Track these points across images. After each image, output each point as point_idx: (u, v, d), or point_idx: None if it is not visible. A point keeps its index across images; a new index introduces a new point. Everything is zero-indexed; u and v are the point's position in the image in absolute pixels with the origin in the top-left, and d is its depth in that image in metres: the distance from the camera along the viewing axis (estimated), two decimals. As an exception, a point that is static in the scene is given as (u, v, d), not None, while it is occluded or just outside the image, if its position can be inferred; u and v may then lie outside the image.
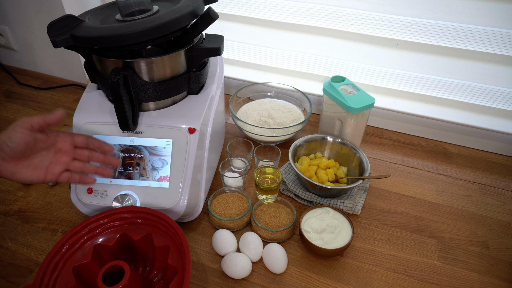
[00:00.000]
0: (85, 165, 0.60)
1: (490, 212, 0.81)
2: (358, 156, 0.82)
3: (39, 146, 0.56)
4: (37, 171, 0.56)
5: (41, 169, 0.56)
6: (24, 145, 0.53)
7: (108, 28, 0.59)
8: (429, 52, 0.89)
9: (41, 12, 1.08)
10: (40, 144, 0.56)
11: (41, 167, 0.56)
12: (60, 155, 0.58)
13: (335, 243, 0.67)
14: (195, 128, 0.66)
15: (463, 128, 0.96)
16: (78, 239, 0.60)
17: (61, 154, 0.58)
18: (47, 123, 0.55)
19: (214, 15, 0.61)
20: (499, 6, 0.78)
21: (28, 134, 0.53)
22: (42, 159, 0.57)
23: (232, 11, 1.01)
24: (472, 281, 0.67)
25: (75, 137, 0.59)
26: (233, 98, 1.00)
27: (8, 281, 0.65)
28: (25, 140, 0.53)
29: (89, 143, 0.60)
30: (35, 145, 0.55)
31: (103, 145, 0.61)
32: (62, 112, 0.56)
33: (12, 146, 0.52)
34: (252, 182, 0.85)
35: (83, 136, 0.60)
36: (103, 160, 0.61)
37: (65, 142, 0.58)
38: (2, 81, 1.22)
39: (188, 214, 0.71)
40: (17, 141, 0.52)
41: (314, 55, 1.01)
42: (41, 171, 0.56)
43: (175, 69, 0.66)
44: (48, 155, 0.57)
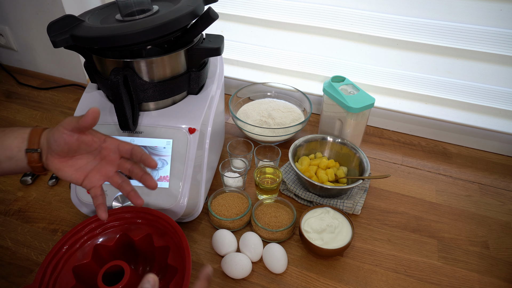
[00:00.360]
0: (123, 184, 0.55)
1: (490, 212, 0.81)
2: (358, 156, 0.82)
3: (83, 148, 0.53)
4: (78, 173, 0.54)
5: (83, 172, 0.54)
6: (65, 145, 0.51)
7: (108, 28, 0.58)
8: (429, 52, 0.89)
9: (41, 12, 1.08)
10: (84, 147, 0.53)
11: (84, 170, 0.55)
12: (104, 164, 0.55)
13: (335, 243, 0.67)
14: (195, 128, 0.66)
15: (463, 128, 0.96)
16: (78, 239, 0.60)
17: (105, 163, 0.55)
18: (82, 127, 0.51)
19: (214, 15, 0.61)
20: (499, 6, 0.78)
21: (68, 135, 0.51)
22: (86, 163, 0.55)
23: (232, 11, 1.01)
24: (472, 281, 0.67)
25: (120, 145, 0.54)
26: (233, 98, 1.00)
27: (8, 281, 0.65)
28: (66, 141, 0.51)
29: (133, 154, 0.54)
30: (78, 146, 0.53)
31: (147, 159, 0.53)
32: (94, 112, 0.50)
33: (54, 144, 0.52)
34: (252, 182, 0.85)
35: (129, 144, 0.54)
36: (140, 178, 0.54)
37: (110, 151, 0.55)
38: (2, 81, 1.22)
39: (188, 214, 0.71)
40: (58, 140, 0.51)
41: (314, 55, 1.01)
42: (82, 174, 0.54)
43: (175, 69, 0.66)
44: (94, 160, 0.55)
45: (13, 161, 0.52)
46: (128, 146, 0.54)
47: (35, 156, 0.52)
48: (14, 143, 0.52)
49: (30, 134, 0.53)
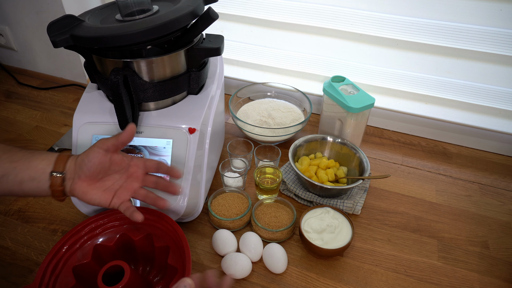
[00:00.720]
0: (148, 194, 0.58)
1: (490, 212, 0.81)
2: (358, 156, 0.82)
3: (113, 168, 0.56)
4: (106, 193, 0.56)
5: (111, 192, 0.56)
6: (99, 165, 0.54)
7: (108, 28, 0.58)
8: (429, 52, 0.89)
9: (41, 12, 1.08)
10: (115, 167, 0.56)
11: (111, 190, 0.56)
12: (130, 181, 0.58)
13: (335, 243, 0.67)
14: (195, 128, 0.66)
15: (463, 128, 0.96)
16: (78, 239, 0.60)
17: (131, 180, 0.58)
18: (121, 142, 0.54)
19: (214, 15, 0.61)
20: (499, 6, 0.78)
21: (104, 155, 0.54)
22: (114, 183, 0.57)
23: (232, 11, 1.01)
24: (472, 281, 0.67)
25: (146, 163, 0.58)
26: (233, 98, 1.00)
27: (8, 281, 0.65)
28: (101, 160, 0.54)
29: (159, 168, 0.58)
30: (109, 166, 0.55)
31: (172, 170, 0.59)
32: (132, 128, 0.55)
33: (89, 165, 0.53)
34: (252, 182, 0.85)
35: (154, 161, 0.59)
36: (166, 187, 0.59)
37: (137, 167, 0.58)
38: (2, 81, 1.22)
39: (188, 214, 0.71)
40: (93, 160, 0.53)
41: (314, 55, 1.01)
42: (110, 194, 0.56)
43: (175, 69, 0.66)
44: (121, 179, 0.57)
45: (35, 182, 0.53)
46: (154, 162, 0.59)
47: (59, 179, 0.54)
48: (40, 165, 0.54)
49: (57, 158, 0.55)
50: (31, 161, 0.54)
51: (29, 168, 0.53)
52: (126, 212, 0.56)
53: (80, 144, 0.67)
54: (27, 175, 0.53)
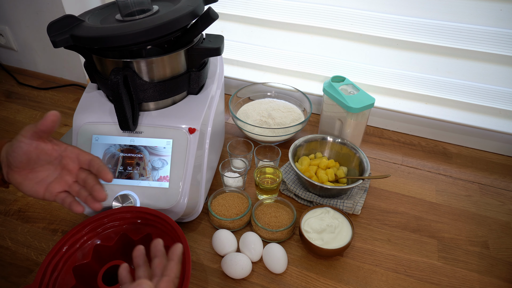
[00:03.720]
0: (80, 190, 0.54)
1: (490, 212, 0.81)
2: (358, 156, 0.82)
3: (43, 158, 0.52)
4: (38, 186, 0.53)
5: (43, 185, 0.53)
6: (23, 155, 0.50)
7: (108, 28, 0.59)
8: (429, 52, 0.89)
9: (41, 12, 1.08)
10: (44, 156, 0.52)
11: (44, 183, 0.53)
12: (64, 174, 0.54)
13: (335, 243, 0.67)
14: (195, 128, 0.66)
15: (463, 128, 0.96)
16: (78, 239, 0.60)
17: (65, 173, 0.54)
18: (40, 129, 0.50)
19: (214, 15, 0.61)
20: (499, 6, 0.78)
21: (28, 144, 0.50)
22: (47, 175, 0.53)
23: (232, 11, 1.01)
24: (472, 281, 0.67)
25: (80, 155, 0.53)
26: (233, 98, 1.00)
27: (8, 281, 0.65)
28: (24, 150, 0.50)
29: (91, 165, 0.53)
30: (38, 156, 0.51)
31: (103, 171, 0.52)
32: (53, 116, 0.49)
33: (13, 155, 0.50)
34: (252, 182, 0.85)
35: (89, 155, 0.53)
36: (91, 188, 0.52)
37: (70, 159, 0.53)
38: (2, 81, 1.22)
39: (188, 214, 0.71)
40: (16, 150, 0.50)
41: (314, 55, 1.01)
42: (42, 187, 0.53)
43: (175, 69, 0.66)
44: (55, 171, 0.53)
45: None
46: (88, 156, 0.53)
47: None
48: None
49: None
50: None
51: None
52: (64, 204, 0.53)
53: (80, 144, 0.67)
54: None
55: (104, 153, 0.67)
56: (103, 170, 0.52)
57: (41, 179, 0.53)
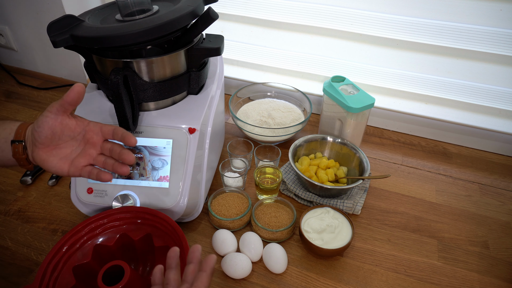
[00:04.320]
0: (106, 160, 0.56)
1: (490, 212, 0.81)
2: (358, 156, 0.82)
3: (67, 134, 0.53)
4: (63, 162, 0.54)
5: (67, 160, 0.54)
6: (49, 130, 0.51)
7: (108, 28, 0.58)
8: (429, 52, 0.89)
9: (41, 12, 1.08)
10: (68, 132, 0.53)
11: (68, 158, 0.54)
12: (88, 147, 0.55)
13: (335, 243, 0.67)
14: (195, 128, 0.66)
15: (463, 128, 0.96)
16: (78, 239, 0.60)
17: (89, 146, 0.55)
18: (67, 102, 0.51)
19: (214, 15, 0.61)
20: (499, 6, 0.78)
21: (53, 119, 0.51)
22: (71, 151, 0.55)
23: (232, 11, 1.01)
24: (472, 281, 0.67)
25: (103, 128, 0.55)
26: (233, 98, 1.00)
27: (8, 281, 0.65)
28: (50, 124, 0.51)
29: (114, 133, 0.55)
30: (62, 131, 0.53)
31: (126, 136, 0.54)
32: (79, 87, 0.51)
33: (39, 131, 0.51)
34: (252, 182, 0.85)
35: (110, 126, 0.55)
36: (118, 154, 0.55)
37: (93, 133, 0.55)
38: (2, 81, 1.22)
39: (188, 214, 0.71)
40: (42, 125, 0.51)
41: (314, 55, 1.01)
42: (66, 162, 0.54)
43: (175, 69, 0.66)
44: (79, 146, 0.55)
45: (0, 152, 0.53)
46: (110, 127, 0.55)
47: (20, 147, 0.53)
48: (2, 134, 0.54)
49: (19, 126, 0.54)
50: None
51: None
52: (91, 176, 0.55)
53: (80, 144, 0.67)
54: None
55: (104, 153, 0.67)
56: (127, 135, 0.54)
57: (65, 155, 0.54)
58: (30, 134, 0.53)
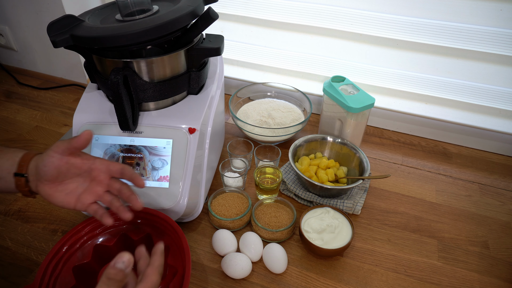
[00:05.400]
0: (112, 201, 0.56)
1: (490, 212, 0.81)
2: (358, 156, 0.82)
3: (73, 171, 0.54)
4: (69, 197, 0.55)
5: (73, 196, 0.55)
6: (54, 169, 0.52)
7: (108, 28, 0.59)
8: (429, 52, 0.89)
9: (41, 12, 1.08)
10: (74, 170, 0.54)
11: (74, 194, 0.55)
12: (94, 185, 0.56)
13: (335, 243, 0.67)
14: (195, 128, 0.66)
15: (463, 128, 0.96)
16: (78, 239, 0.60)
17: (95, 184, 0.56)
18: (74, 147, 0.53)
19: (214, 15, 0.61)
20: (499, 6, 0.78)
21: (59, 159, 0.52)
22: (77, 186, 0.55)
23: (232, 11, 1.01)
24: (472, 281, 0.67)
25: (110, 166, 0.56)
26: (233, 98, 1.00)
27: (8, 281, 0.65)
28: (55, 164, 0.52)
29: (123, 174, 0.56)
30: (68, 170, 0.54)
31: (135, 178, 0.55)
32: (88, 134, 0.52)
33: (45, 169, 0.52)
34: (252, 182, 0.85)
35: (119, 165, 0.56)
36: (127, 198, 0.55)
37: (100, 171, 0.55)
38: (2, 81, 1.22)
39: (188, 214, 0.71)
40: (48, 165, 0.52)
41: (314, 55, 1.01)
42: (73, 198, 0.55)
43: (175, 69, 0.66)
44: (84, 182, 0.56)
45: (3, 182, 0.54)
46: (119, 165, 0.56)
47: (22, 180, 0.53)
48: (5, 165, 0.54)
49: (21, 158, 0.54)
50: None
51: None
52: (96, 215, 0.55)
53: (80, 144, 0.67)
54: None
55: (104, 153, 0.67)
56: (136, 177, 0.55)
57: (71, 190, 0.55)
58: (34, 168, 0.53)
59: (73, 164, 0.54)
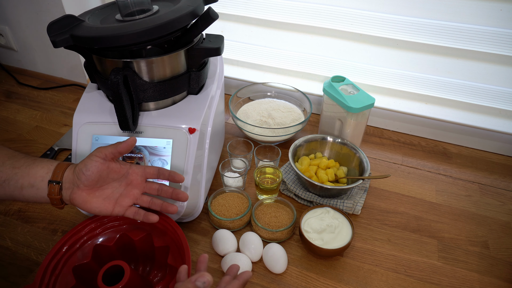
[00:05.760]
0: (153, 200, 0.59)
1: (490, 212, 0.81)
2: (358, 156, 0.82)
3: (111, 177, 0.56)
4: (107, 202, 0.56)
5: (111, 200, 0.57)
6: (97, 173, 0.54)
7: (108, 28, 0.58)
8: (429, 52, 0.89)
9: (41, 12, 1.08)
10: (113, 175, 0.56)
11: (112, 198, 0.57)
12: (130, 188, 0.58)
13: (335, 243, 0.67)
14: (195, 128, 0.66)
15: (463, 128, 0.96)
16: (78, 239, 0.60)
17: (132, 187, 0.58)
18: (119, 151, 0.55)
19: (214, 15, 0.61)
20: (499, 6, 0.78)
21: (102, 163, 0.54)
22: (113, 191, 0.57)
23: (232, 11, 1.01)
24: (472, 281, 0.67)
25: (146, 169, 0.59)
26: (233, 98, 1.00)
27: (8, 281, 0.65)
28: (99, 169, 0.54)
29: (160, 174, 0.59)
30: (108, 175, 0.56)
31: (174, 175, 0.58)
32: (132, 141, 0.56)
33: (87, 174, 0.54)
34: (252, 182, 0.85)
35: (154, 168, 0.59)
36: (171, 194, 0.59)
37: (136, 175, 0.58)
38: (2, 81, 1.22)
39: (188, 214, 0.71)
40: (91, 169, 0.54)
41: (314, 55, 1.01)
42: (111, 202, 0.56)
43: (175, 69, 0.66)
44: (120, 187, 0.58)
45: (34, 189, 0.54)
46: (154, 168, 0.59)
47: (56, 188, 0.54)
48: (39, 172, 0.55)
49: (56, 166, 0.56)
50: (32, 168, 0.55)
51: (29, 175, 0.54)
52: (137, 217, 0.58)
53: (80, 144, 0.67)
54: (27, 182, 0.54)
55: (104, 153, 0.67)
56: (175, 174, 0.58)
57: (108, 195, 0.57)
58: (72, 175, 0.55)
59: (113, 169, 0.56)
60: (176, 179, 0.58)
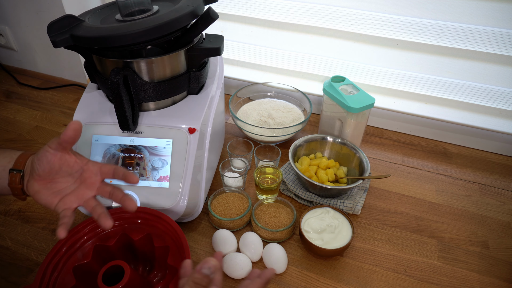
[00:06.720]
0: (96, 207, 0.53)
1: (490, 212, 0.81)
2: (358, 156, 0.82)
3: (64, 170, 0.53)
4: (53, 196, 0.53)
5: (58, 196, 0.53)
6: (47, 164, 0.51)
7: (108, 28, 0.59)
8: (429, 52, 0.89)
9: (41, 12, 1.08)
10: (66, 168, 0.53)
11: (60, 194, 0.54)
12: (83, 188, 0.54)
13: (335, 243, 0.67)
14: (195, 128, 0.66)
15: (463, 128, 0.96)
16: (78, 239, 0.60)
17: (84, 187, 0.54)
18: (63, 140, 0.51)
19: (214, 15, 0.61)
20: (499, 6, 0.78)
21: (53, 154, 0.51)
22: (65, 187, 0.54)
23: (232, 11, 1.01)
24: (472, 281, 0.67)
25: (102, 168, 0.54)
26: (233, 98, 1.00)
27: (8, 281, 0.65)
28: (48, 159, 0.51)
29: (115, 174, 0.54)
30: (60, 167, 0.52)
31: (128, 175, 0.53)
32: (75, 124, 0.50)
33: (38, 163, 0.52)
34: (252, 182, 0.85)
35: (110, 166, 0.54)
36: (120, 199, 0.53)
37: (91, 173, 0.54)
38: (2, 81, 1.22)
39: (188, 214, 0.71)
40: (41, 159, 0.52)
41: (314, 55, 1.01)
42: (56, 198, 0.53)
43: (175, 69, 0.66)
44: (74, 184, 0.54)
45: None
46: (110, 166, 0.54)
47: (17, 177, 0.53)
48: (2, 161, 0.54)
49: (19, 156, 0.54)
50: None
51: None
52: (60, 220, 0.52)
53: (80, 144, 0.67)
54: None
55: (104, 153, 0.67)
56: (128, 175, 0.53)
57: (58, 190, 0.54)
58: (30, 164, 0.53)
59: (66, 162, 0.53)
60: (129, 180, 0.53)
